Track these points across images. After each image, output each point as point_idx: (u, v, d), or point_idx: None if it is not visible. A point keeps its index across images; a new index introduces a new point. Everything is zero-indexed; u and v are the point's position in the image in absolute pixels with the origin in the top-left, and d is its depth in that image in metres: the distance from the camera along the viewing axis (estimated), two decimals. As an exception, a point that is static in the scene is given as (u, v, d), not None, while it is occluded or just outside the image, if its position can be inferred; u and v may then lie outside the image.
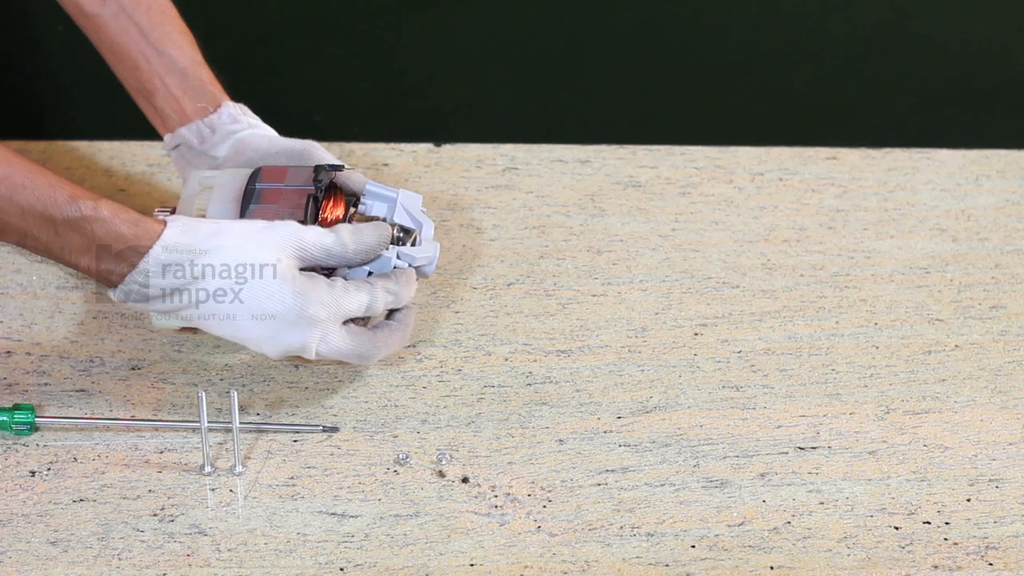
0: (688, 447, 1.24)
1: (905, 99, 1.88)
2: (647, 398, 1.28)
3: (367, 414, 1.27)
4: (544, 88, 1.87)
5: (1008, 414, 1.27)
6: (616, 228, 1.45)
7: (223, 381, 1.29)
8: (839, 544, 1.17)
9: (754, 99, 1.87)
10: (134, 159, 1.50)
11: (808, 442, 1.25)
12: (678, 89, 1.88)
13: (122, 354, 1.31)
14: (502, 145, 1.53)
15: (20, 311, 1.35)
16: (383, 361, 1.31)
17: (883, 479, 1.22)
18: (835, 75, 1.90)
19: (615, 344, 1.33)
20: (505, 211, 1.46)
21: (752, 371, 1.31)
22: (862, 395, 1.29)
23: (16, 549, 1.16)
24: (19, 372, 1.29)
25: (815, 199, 1.49)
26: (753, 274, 1.40)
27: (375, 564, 1.15)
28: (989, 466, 1.23)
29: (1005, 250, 1.43)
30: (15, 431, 1.23)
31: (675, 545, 1.17)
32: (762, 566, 1.15)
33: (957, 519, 1.19)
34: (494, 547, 1.17)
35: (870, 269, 1.41)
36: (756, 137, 1.56)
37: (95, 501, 1.19)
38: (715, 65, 1.91)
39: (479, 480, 1.21)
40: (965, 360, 1.32)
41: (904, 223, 1.46)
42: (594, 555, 1.16)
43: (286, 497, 1.20)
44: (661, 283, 1.39)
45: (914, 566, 1.16)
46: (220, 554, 1.16)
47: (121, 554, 1.16)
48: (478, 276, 1.40)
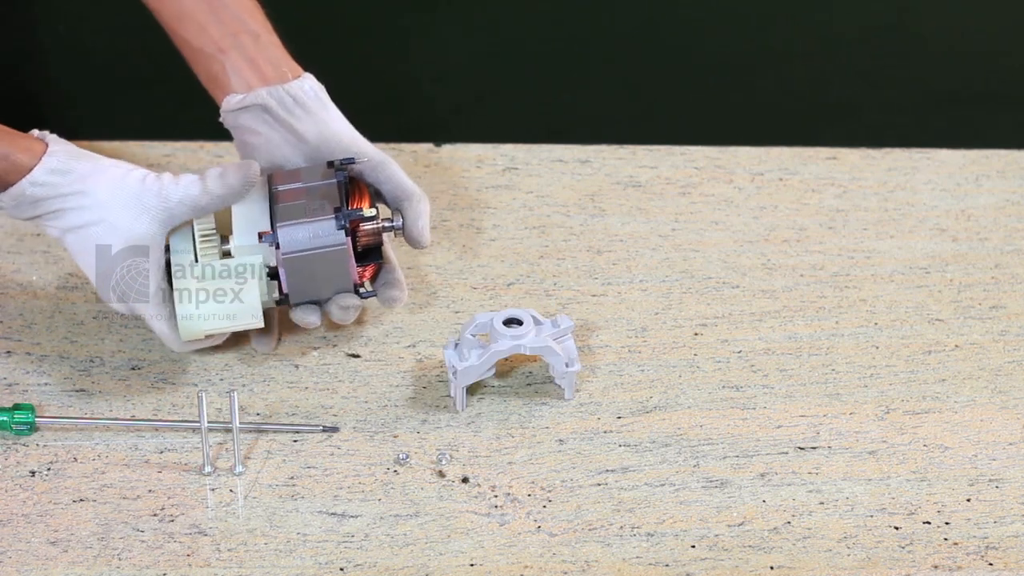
0: (688, 447, 1.24)
1: (905, 99, 1.88)
2: (647, 398, 1.28)
3: (367, 414, 1.27)
4: (544, 88, 1.87)
5: (1008, 414, 1.27)
6: (616, 228, 1.45)
7: (223, 381, 1.29)
8: (839, 544, 1.17)
9: (754, 99, 1.87)
10: (134, 159, 1.50)
11: (808, 442, 1.25)
12: (678, 89, 1.88)
13: (122, 354, 1.31)
14: (502, 145, 1.53)
15: (20, 311, 1.35)
16: (383, 361, 1.31)
17: (883, 479, 1.22)
18: (835, 75, 1.90)
19: (615, 344, 1.33)
20: (505, 211, 1.46)
21: (752, 371, 1.31)
22: (862, 395, 1.29)
23: (16, 549, 1.16)
24: (19, 372, 1.29)
25: (815, 199, 1.49)
26: (753, 274, 1.40)
27: (375, 564, 1.15)
28: (989, 466, 1.23)
29: (1005, 250, 1.43)
30: (15, 431, 1.23)
31: (675, 545, 1.17)
32: (762, 566, 1.15)
33: (957, 519, 1.19)
34: (494, 547, 1.17)
35: (870, 269, 1.41)
36: (756, 137, 1.56)
37: (95, 501, 1.19)
38: (715, 65, 1.91)
39: (479, 480, 1.21)
40: (965, 360, 1.32)
41: (904, 223, 1.46)
42: (594, 555, 1.16)
43: (286, 497, 1.20)
44: (661, 283, 1.39)
45: (914, 566, 1.16)
46: (220, 554, 1.16)
47: (121, 554, 1.16)
48: (478, 276, 1.40)
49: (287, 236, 1.25)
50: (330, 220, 1.25)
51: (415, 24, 1.91)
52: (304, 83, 1.29)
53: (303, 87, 1.29)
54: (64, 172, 1.22)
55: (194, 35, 1.31)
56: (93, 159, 1.23)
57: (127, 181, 1.23)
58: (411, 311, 1.36)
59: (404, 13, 1.93)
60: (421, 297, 1.37)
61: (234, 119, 1.30)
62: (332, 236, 1.25)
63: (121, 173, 1.23)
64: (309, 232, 1.26)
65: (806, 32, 1.95)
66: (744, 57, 1.91)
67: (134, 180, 1.23)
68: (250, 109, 1.29)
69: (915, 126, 1.84)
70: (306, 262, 1.26)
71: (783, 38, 1.94)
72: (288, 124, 1.29)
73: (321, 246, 1.25)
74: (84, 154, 1.24)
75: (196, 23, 1.31)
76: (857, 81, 1.89)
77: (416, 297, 1.37)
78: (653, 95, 1.87)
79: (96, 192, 1.22)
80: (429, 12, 1.93)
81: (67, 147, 1.24)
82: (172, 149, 1.51)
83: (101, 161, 1.23)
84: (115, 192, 1.22)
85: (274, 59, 1.30)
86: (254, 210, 1.26)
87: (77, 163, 1.23)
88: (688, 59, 1.91)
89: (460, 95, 1.82)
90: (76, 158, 1.23)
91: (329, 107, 1.30)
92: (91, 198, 1.22)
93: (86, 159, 1.23)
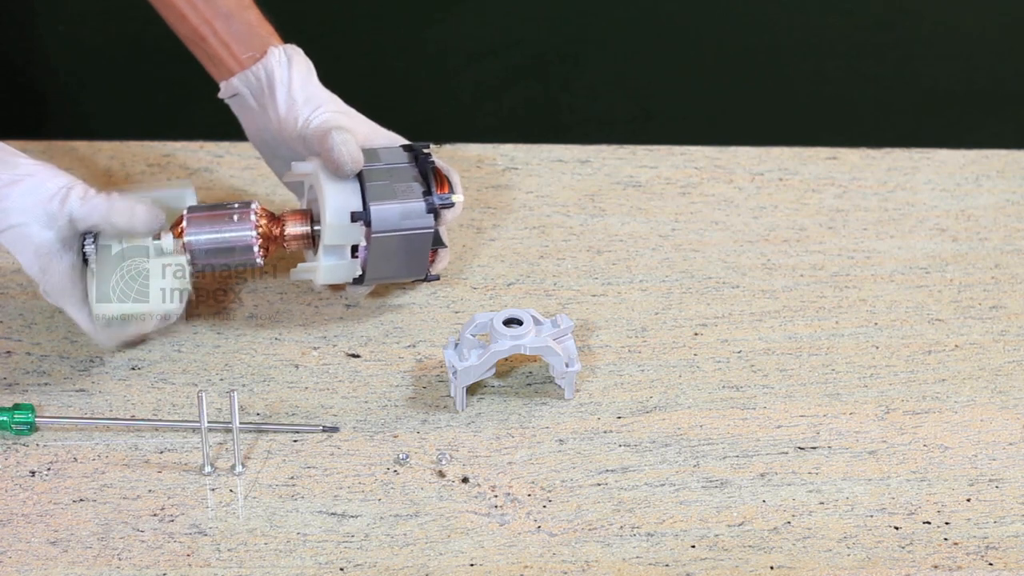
0: (688, 447, 1.24)
1: (905, 99, 1.88)
2: (647, 398, 1.28)
3: (367, 414, 1.27)
4: (544, 88, 1.87)
5: (1008, 414, 1.27)
6: (616, 228, 1.45)
7: (223, 381, 1.29)
8: (839, 544, 1.17)
9: (754, 99, 1.87)
10: (134, 159, 1.50)
11: (808, 442, 1.25)
12: (678, 89, 1.88)
13: (122, 354, 1.31)
14: (502, 145, 1.53)
15: (20, 311, 1.35)
16: (383, 361, 1.31)
17: (883, 479, 1.22)
18: (835, 75, 1.90)
19: (615, 344, 1.33)
20: (505, 211, 1.46)
21: (752, 371, 1.31)
22: (862, 395, 1.29)
23: (16, 549, 1.16)
24: (19, 372, 1.29)
25: (815, 199, 1.49)
26: (753, 274, 1.40)
27: (375, 564, 1.15)
28: (989, 466, 1.23)
29: (1005, 250, 1.43)
30: (15, 431, 1.23)
31: (675, 545, 1.17)
32: (762, 566, 1.15)
33: (957, 519, 1.19)
34: (494, 547, 1.17)
35: (870, 269, 1.41)
36: (756, 137, 1.56)
37: (95, 501, 1.19)
38: (715, 65, 1.91)
39: (479, 480, 1.21)
40: (965, 360, 1.32)
41: (904, 223, 1.46)
42: (594, 555, 1.16)
43: (286, 497, 1.20)
44: (661, 283, 1.39)
45: (914, 566, 1.16)
46: (220, 554, 1.16)
47: (121, 554, 1.16)
48: (478, 276, 1.40)
49: (379, 215, 1.26)
50: (420, 203, 1.27)
51: (415, 24, 1.91)
52: (268, 60, 1.32)
53: (267, 67, 1.32)
54: None
55: (177, 23, 1.36)
56: (13, 166, 1.23)
57: (38, 192, 1.23)
58: (411, 311, 1.36)
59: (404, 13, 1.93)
60: (421, 297, 1.37)
61: (231, 105, 1.35)
62: (421, 219, 1.28)
63: (34, 183, 1.23)
64: (399, 213, 1.27)
65: (806, 32, 1.95)
66: (744, 57, 1.91)
67: (44, 192, 1.23)
68: (235, 98, 1.34)
69: (915, 126, 1.84)
70: (393, 242, 1.27)
71: (783, 38, 1.94)
72: (264, 109, 1.32)
73: (410, 228, 1.28)
74: (8, 161, 1.24)
75: (176, 11, 1.35)
76: (857, 81, 1.89)
77: (416, 297, 1.37)
78: (653, 95, 1.87)
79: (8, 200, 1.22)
80: (429, 12, 1.93)
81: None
82: (172, 149, 1.51)
83: (18, 168, 1.23)
84: (24, 201, 1.23)
85: (244, 38, 1.32)
86: (346, 189, 1.27)
87: None
88: (688, 59, 1.91)
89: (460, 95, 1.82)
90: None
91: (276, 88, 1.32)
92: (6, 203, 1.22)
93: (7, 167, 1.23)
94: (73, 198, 1.23)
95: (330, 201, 1.27)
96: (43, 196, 1.23)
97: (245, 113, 1.34)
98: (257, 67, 1.32)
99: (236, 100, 1.34)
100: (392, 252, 1.28)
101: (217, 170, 1.49)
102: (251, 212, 1.28)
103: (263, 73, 1.32)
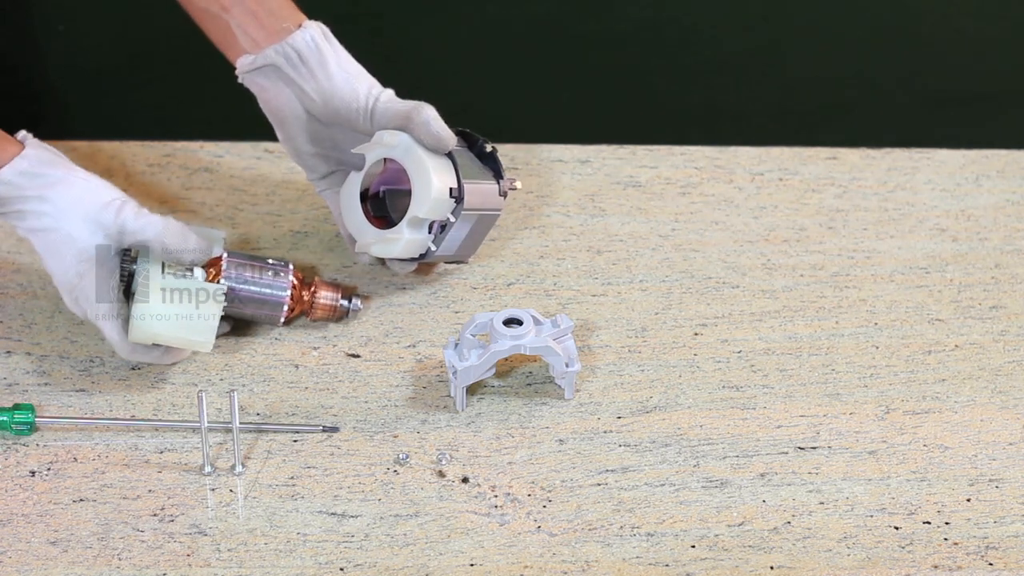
0: (688, 447, 1.24)
1: (905, 99, 1.88)
2: (647, 398, 1.28)
3: (367, 414, 1.27)
4: (544, 88, 1.87)
5: (1008, 414, 1.27)
6: (616, 228, 1.45)
7: (223, 381, 1.29)
8: (839, 544, 1.17)
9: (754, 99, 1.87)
10: (134, 159, 1.50)
11: (808, 442, 1.25)
12: (678, 89, 1.88)
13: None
14: (502, 145, 1.53)
15: (20, 311, 1.35)
16: (383, 361, 1.31)
17: (883, 479, 1.22)
18: (835, 75, 1.90)
19: (615, 344, 1.33)
20: (505, 211, 1.46)
21: (752, 371, 1.31)
22: (862, 395, 1.29)
23: (16, 549, 1.16)
24: (19, 372, 1.29)
25: (815, 199, 1.49)
26: (753, 274, 1.40)
27: (375, 564, 1.15)
28: (989, 466, 1.23)
29: (1005, 250, 1.43)
30: (15, 431, 1.23)
31: (675, 545, 1.17)
32: (762, 566, 1.15)
33: (957, 519, 1.19)
34: (494, 547, 1.17)
35: (870, 269, 1.41)
36: (756, 137, 1.56)
37: (95, 501, 1.19)
38: (715, 65, 1.91)
39: (479, 480, 1.21)
40: (965, 360, 1.32)
41: (904, 223, 1.46)
42: (594, 555, 1.16)
43: (286, 497, 1.20)
44: (661, 283, 1.39)
45: (914, 566, 1.16)
46: (220, 554, 1.16)
47: (121, 554, 1.16)
48: (478, 276, 1.40)
49: (471, 193, 1.30)
50: (494, 185, 1.32)
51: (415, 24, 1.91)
52: (306, 33, 1.30)
53: (305, 39, 1.30)
54: (32, 176, 1.23)
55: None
56: (66, 168, 1.24)
57: (91, 198, 1.23)
58: (411, 311, 1.36)
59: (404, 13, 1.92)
60: (421, 297, 1.37)
61: (250, 80, 1.32)
62: (496, 200, 1.32)
63: (88, 188, 1.24)
64: (483, 193, 1.31)
65: (806, 32, 1.95)
66: (744, 57, 1.91)
67: (98, 199, 1.23)
68: (262, 69, 1.31)
69: (915, 126, 1.84)
70: (472, 221, 1.31)
71: (783, 38, 1.94)
72: (296, 84, 1.30)
73: (489, 208, 1.32)
74: (59, 162, 1.24)
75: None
76: (857, 81, 1.89)
77: (416, 297, 1.37)
78: (653, 95, 1.87)
79: (57, 200, 1.23)
80: (429, 12, 1.93)
81: (44, 152, 1.24)
82: (172, 149, 1.51)
83: (74, 172, 1.24)
84: (75, 204, 1.23)
85: (275, 9, 1.31)
86: (442, 165, 1.29)
87: (49, 169, 1.23)
88: (688, 59, 1.91)
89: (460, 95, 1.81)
90: (49, 164, 1.23)
91: (327, 61, 1.30)
92: (51, 205, 1.23)
93: (60, 167, 1.24)
94: (128, 211, 1.23)
95: (434, 175, 1.28)
96: (97, 203, 1.23)
97: (273, 87, 1.31)
98: (296, 38, 1.29)
99: (262, 73, 1.31)
100: (468, 230, 1.32)
101: (217, 170, 1.49)
102: (289, 272, 1.30)
103: (306, 44, 1.29)
